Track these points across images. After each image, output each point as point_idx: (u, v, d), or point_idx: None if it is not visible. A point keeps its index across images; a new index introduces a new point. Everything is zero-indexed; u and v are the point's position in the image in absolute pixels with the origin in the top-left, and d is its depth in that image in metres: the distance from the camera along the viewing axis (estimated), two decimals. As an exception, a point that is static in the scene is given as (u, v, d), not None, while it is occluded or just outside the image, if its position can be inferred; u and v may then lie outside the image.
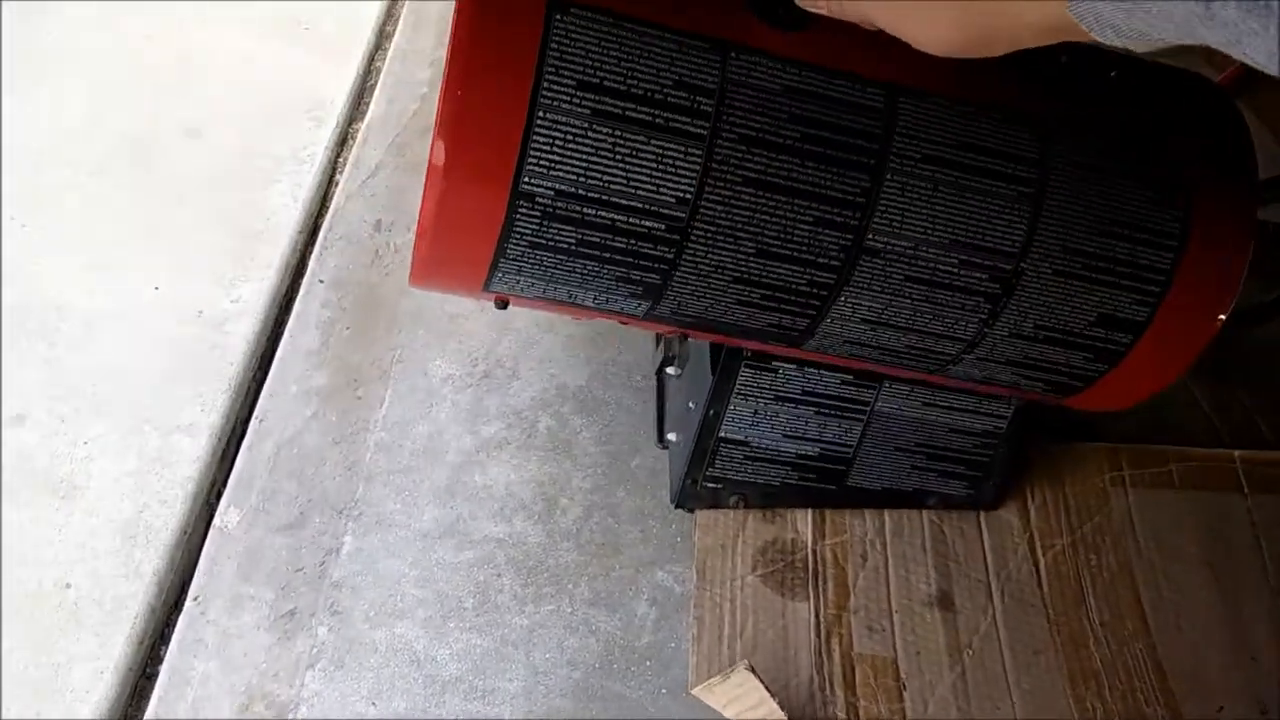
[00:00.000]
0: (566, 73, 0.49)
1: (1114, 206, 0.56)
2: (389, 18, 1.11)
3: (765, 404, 0.69)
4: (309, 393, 0.78)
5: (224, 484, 0.74)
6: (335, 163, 0.96)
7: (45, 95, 0.98)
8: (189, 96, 1.00)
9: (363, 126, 0.98)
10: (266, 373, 0.80)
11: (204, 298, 0.84)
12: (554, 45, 0.49)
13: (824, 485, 0.72)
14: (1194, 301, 0.58)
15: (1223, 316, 0.59)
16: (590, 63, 0.49)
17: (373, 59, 1.07)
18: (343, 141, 0.98)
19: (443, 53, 1.04)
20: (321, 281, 0.84)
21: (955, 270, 0.56)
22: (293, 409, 0.77)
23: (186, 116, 0.98)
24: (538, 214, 0.51)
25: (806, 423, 0.70)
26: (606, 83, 0.50)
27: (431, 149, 0.50)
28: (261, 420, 0.76)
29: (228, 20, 1.08)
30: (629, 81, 0.50)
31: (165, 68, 1.02)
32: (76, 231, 0.88)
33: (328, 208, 0.91)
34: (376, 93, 1.01)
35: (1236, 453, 0.78)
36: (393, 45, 1.06)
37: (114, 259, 0.86)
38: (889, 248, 0.55)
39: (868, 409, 0.70)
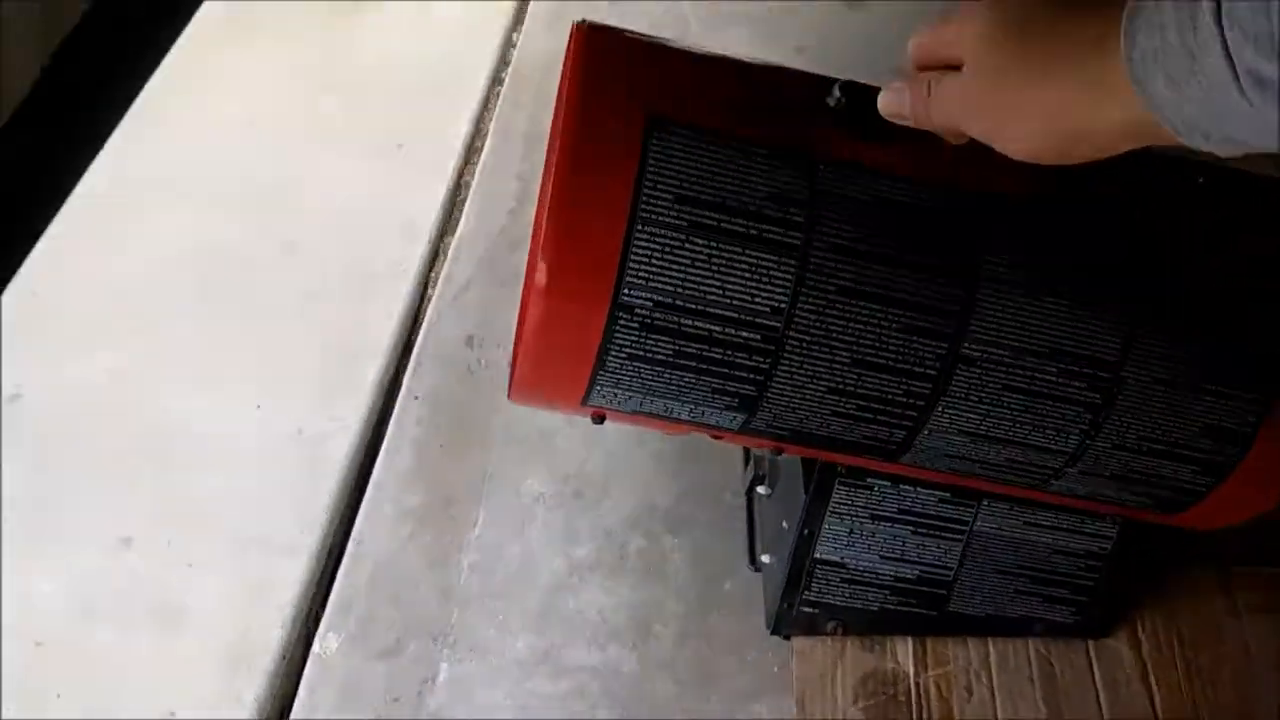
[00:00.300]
0: (664, 187, 0.51)
1: (1216, 312, 0.55)
2: (477, 133, 1.16)
3: (861, 523, 0.67)
4: (404, 513, 0.78)
5: (322, 608, 0.74)
6: (428, 278, 0.99)
7: (154, 219, 1.04)
8: (288, 215, 1.05)
9: (454, 241, 1.01)
10: (363, 492, 0.81)
11: (303, 416, 0.87)
12: (652, 163, 0.51)
13: (924, 610, 0.70)
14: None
15: (1339, 432, 0.57)
16: (686, 177, 0.51)
17: (462, 174, 1.11)
18: (435, 257, 1.02)
19: (529, 167, 1.09)
20: (416, 398, 0.86)
21: (1054, 379, 0.55)
22: (389, 530, 0.78)
23: (285, 234, 1.03)
24: (636, 325, 0.52)
25: (904, 543, 0.68)
26: (702, 196, 0.51)
27: (532, 269, 0.51)
28: (359, 542, 0.77)
29: (325, 141, 1.14)
30: (723, 194, 0.51)
31: (265, 188, 1.08)
32: (183, 354, 0.92)
33: (421, 323, 0.94)
34: (466, 207, 1.05)
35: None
36: (481, 160, 1.11)
37: (219, 379, 0.90)
38: (985, 356, 0.54)
39: (967, 528, 0.68)
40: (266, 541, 0.78)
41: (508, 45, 1.29)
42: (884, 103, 0.51)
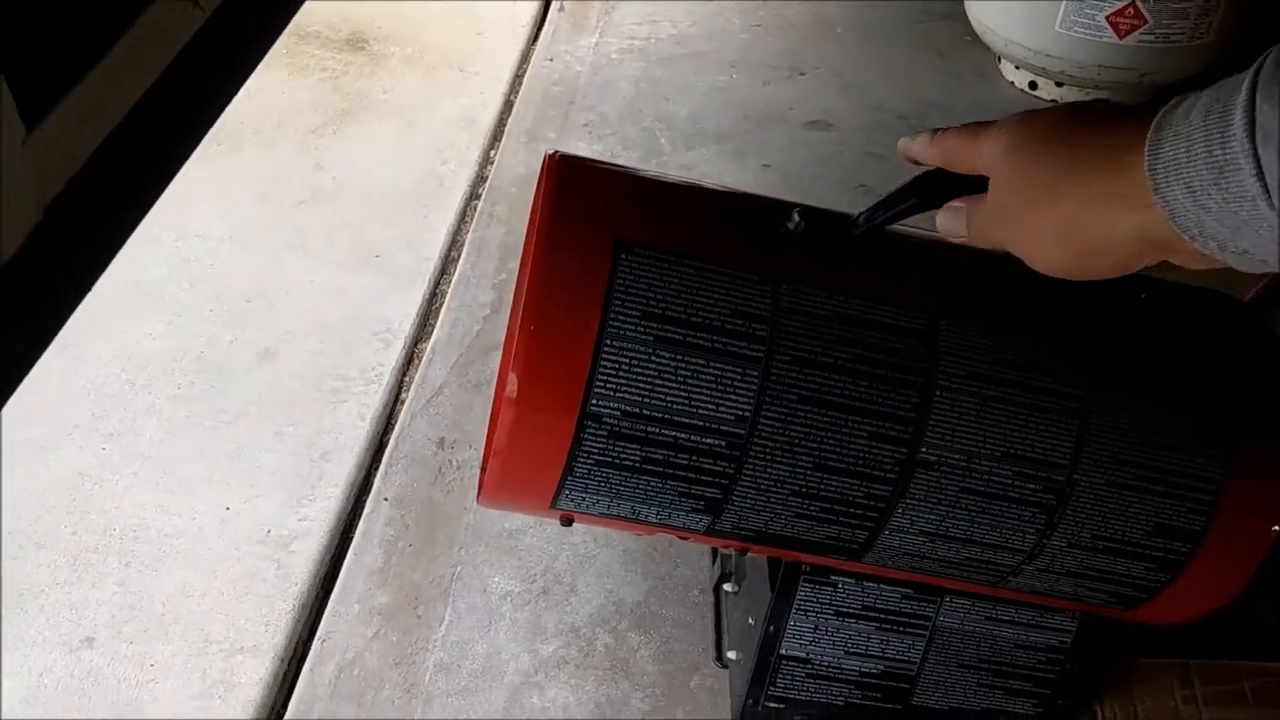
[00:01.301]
0: (631, 304, 0.54)
1: (1160, 418, 0.58)
2: (454, 244, 1.20)
3: (826, 619, 0.69)
4: (371, 612, 0.79)
5: (284, 707, 0.74)
6: (402, 382, 1.01)
7: (131, 324, 1.05)
8: (264, 321, 1.07)
9: (428, 347, 1.04)
10: (330, 591, 0.81)
11: (273, 517, 0.87)
12: (619, 282, 0.54)
13: (889, 705, 0.71)
14: (1249, 510, 0.59)
15: (1278, 527, 0.60)
16: (653, 295, 0.54)
17: (438, 283, 1.14)
18: (409, 362, 1.04)
19: (504, 278, 1.13)
20: (386, 499, 0.87)
21: (1009, 481, 0.58)
22: (355, 629, 0.78)
23: (261, 340, 1.05)
24: (604, 434, 0.55)
25: (868, 639, 0.69)
26: (668, 312, 0.54)
27: (503, 379, 0.54)
28: (324, 640, 0.77)
29: (304, 251, 1.17)
30: (689, 311, 0.54)
31: (243, 296, 1.10)
32: (155, 454, 0.92)
33: (393, 426, 0.95)
34: (441, 315, 1.08)
35: (1312, 668, 0.76)
36: (457, 270, 1.14)
37: (189, 481, 0.90)
38: (942, 460, 0.57)
39: (930, 624, 0.69)
40: (230, 641, 0.78)
41: (485, 161, 1.35)
42: (942, 223, 0.54)
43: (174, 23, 0.38)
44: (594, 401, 0.54)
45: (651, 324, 0.54)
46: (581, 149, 1.33)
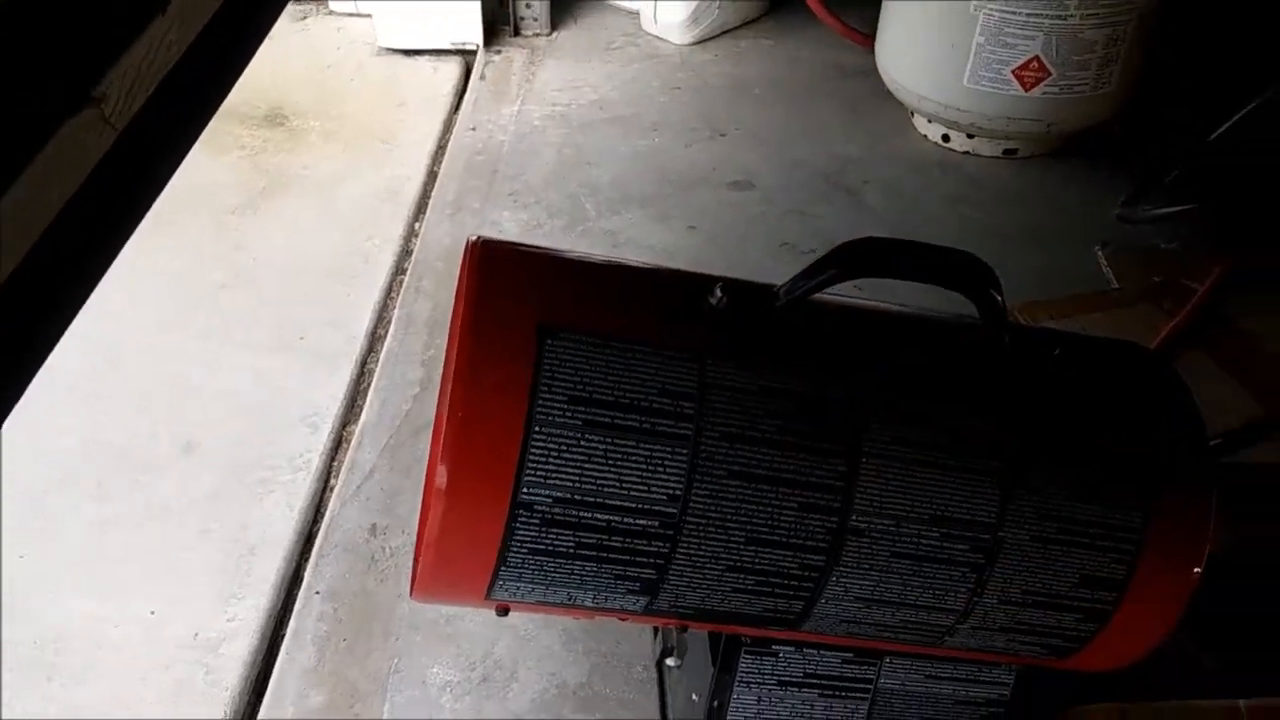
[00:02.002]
0: (558, 389, 0.53)
1: (1079, 473, 0.59)
2: (380, 322, 1.19)
3: (769, 690, 0.68)
4: (306, 714, 0.76)
5: (218, 818, 0.71)
6: (330, 468, 1.00)
7: (49, 419, 1.02)
8: (186, 411, 1.04)
9: (357, 429, 1.02)
10: (263, 695, 0.79)
11: (200, 619, 0.85)
12: (546, 368, 0.53)
13: (837, 772, 0.70)
14: (1169, 557, 0.60)
15: (1198, 569, 0.61)
16: (579, 379, 0.54)
17: (365, 363, 1.13)
18: (337, 446, 1.02)
19: (433, 354, 1.12)
20: (318, 593, 0.85)
21: (938, 543, 0.58)
22: (289, 731, 0.75)
23: (183, 433, 1.02)
24: (537, 521, 0.54)
25: (812, 705, 0.69)
26: (595, 396, 0.54)
27: (432, 470, 0.53)
28: (257, 746, 0.75)
29: (225, 337, 1.15)
30: (616, 393, 0.54)
31: (163, 386, 1.07)
32: (76, 558, 0.89)
33: (323, 515, 0.93)
34: (370, 395, 1.06)
35: (1241, 703, 0.77)
36: (384, 349, 1.13)
37: (113, 584, 0.87)
38: (872, 526, 0.57)
39: (871, 686, 0.69)
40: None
41: (410, 235, 1.34)
42: None
43: (83, 141, 0.38)
44: (525, 490, 0.53)
45: (580, 408, 0.54)
46: (507, 218, 1.34)
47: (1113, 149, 1.46)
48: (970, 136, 1.48)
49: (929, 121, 1.51)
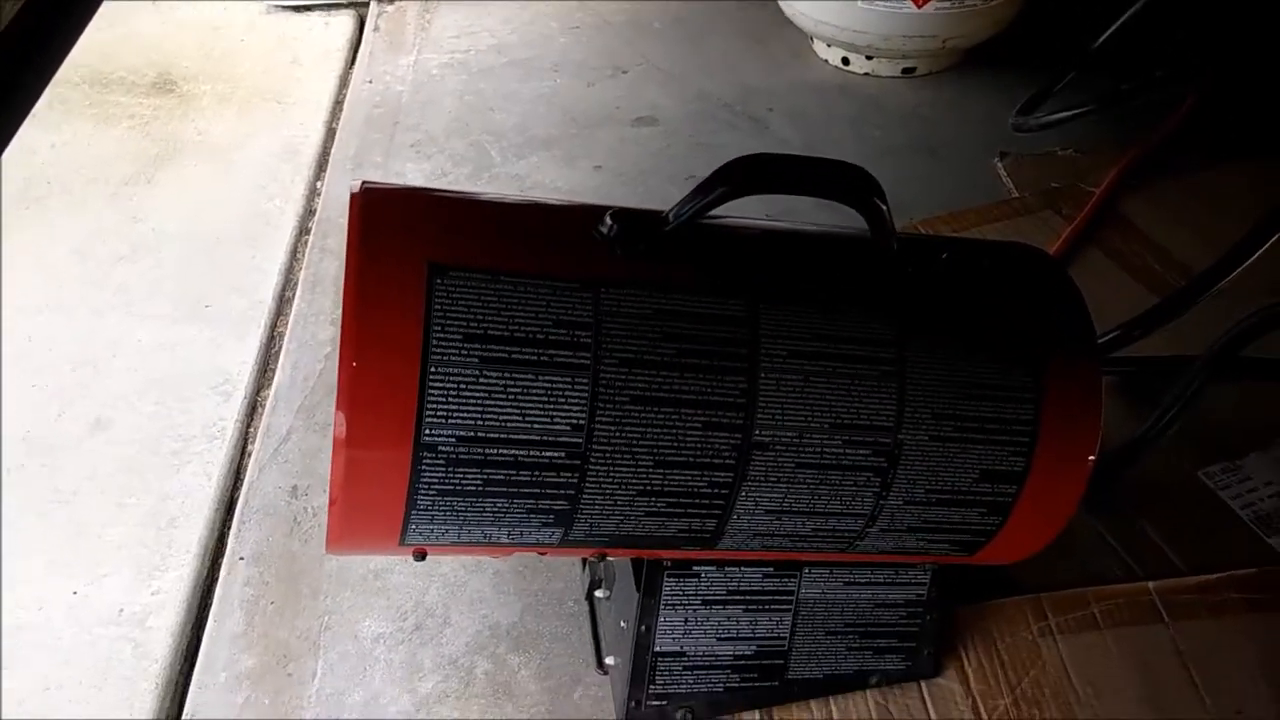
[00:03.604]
0: (452, 329, 0.53)
1: (970, 371, 0.61)
2: (288, 283, 1.17)
3: (694, 610, 0.70)
4: (239, 678, 0.76)
5: (156, 788, 0.71)
6: (246, 434, 0.98)
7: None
8: (92, 389, 1.02)
9: (270, 394, 1.00)
10: (194, 663, 0.78)
11: (124, 595, 0.83)
12: (437, 308, 0.53)
13: (766, 683, 0.72)
14: (1064, 446, 0.63)
15: (1092, 456, 0.63)
16: (472, 317, 0.54)
17: (275, 326, 1.11)
18: (252, 412, 1.01)
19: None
20: (242, 559, 0.85)
21: (841, 451, 0.59)
22: (223, 699, 0.75)
23: (92, 410, 1.00)
24: (442, 463, 0.54)
25: (737, 622, 0.71)
26: (490, 332, 0.54)
27: (334, 420, 0.53)
28: (192, 716, 0.74)
29: (128, 310, 1.12)
30: (511, 328, 0.54)
31: (69, 366, 1.05)
32: (-12, 546, 0.87)
33: (242, 481, 0.92)
34: (281, 359, 1.05)
35: (1151, 584, 0.81)
36: (293, 310, 1.11)
37: (32, 568, 0.85)
38: (776, 440, 0.58)
39: (793, 598, 0.71)
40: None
41: (312, 194, 1.31)
42: None
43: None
44: (427, 431, 0.53)
45: (475, 345, 0.54)
46: (410, 169, 1.32)
47: (1011, 61, 1.48)
48: (869, 58, 1.48)
49: (828, 45, 1.52)
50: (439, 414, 0.53)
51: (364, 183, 0.58)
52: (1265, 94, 1.25)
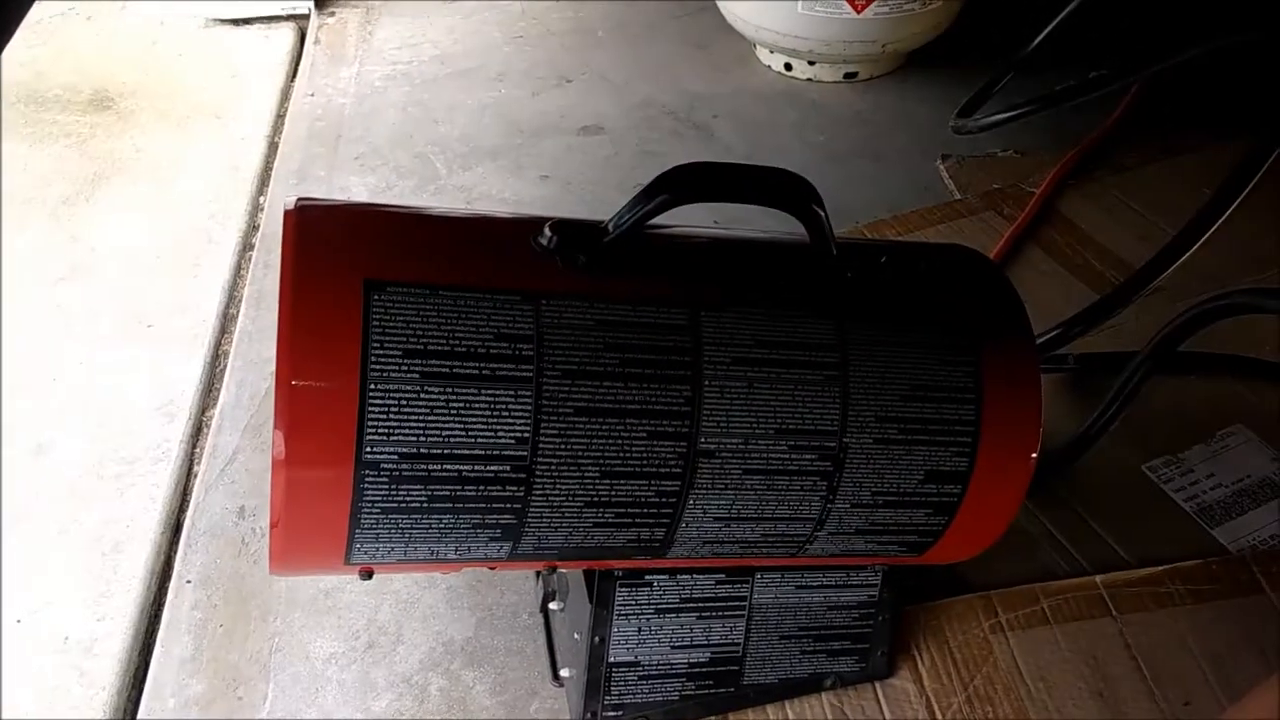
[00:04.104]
0: (391, 344, 0.53)
1: (911, 373, 0.61)
2: (231, 300, 1.15)
3: (647, 619, 0.70)
4: (187, 703, 0.75)
5: (103, 820, 0.69)
6: (192, 455, 0.97)
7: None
8: (33, 414, 1.00)
9: (216, 414, 0.99)
10: (142, 690, 0.77)
11: (70, 621, 0.82)
12: (375, 324, 0.53)
13: (722, 689, 0.73)
14: (1005, 444, 0.64)
15: (1034, 454, 0.64)
16: (412, 331, 0.53)
17: (219, 344, 1.09)
18: (197, 432, 0.99)
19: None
20: (189, 582, 0.83)
21: (787, 456, 0.60)
22: (171, 723, 0.74)
23: (31, 435, 0.98)
24: (385, 480, 0.54)
25: (691, 629, 0.71)
26: (430, 347, 0.53)
27: (272, 441, 0.52)
28: (140, 742, 0.73)
29: (68, 332, 1.09)
30: (451, 342, 0.54)
31: (8, 391, 1.02)
32: (-76, 580, 0.85)
33: (189, 503, 0.91)
34: (226, 377, 1.03)
35: (1098, 578, 0.82)
36: (238, 327, 1.09)
37: (-33, 601, 0.83)
38: (722, 447, 0.58)
39: (746, 603, 0.71)
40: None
41: (255, 210, 1.30)
42: None
43: None
44: (368, 449, 0.53)
45: (416, 361, 0.53)
46: (354, 183, 1.30)
47: (951, 63, 1.50)
48: (811, 64, 1.50)
49: (770, 52, 1.53)
50: (380, 431, 0.53)
51: (298, 199, 0.58)
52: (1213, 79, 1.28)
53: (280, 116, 1.47)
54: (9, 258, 1.20)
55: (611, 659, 0.70)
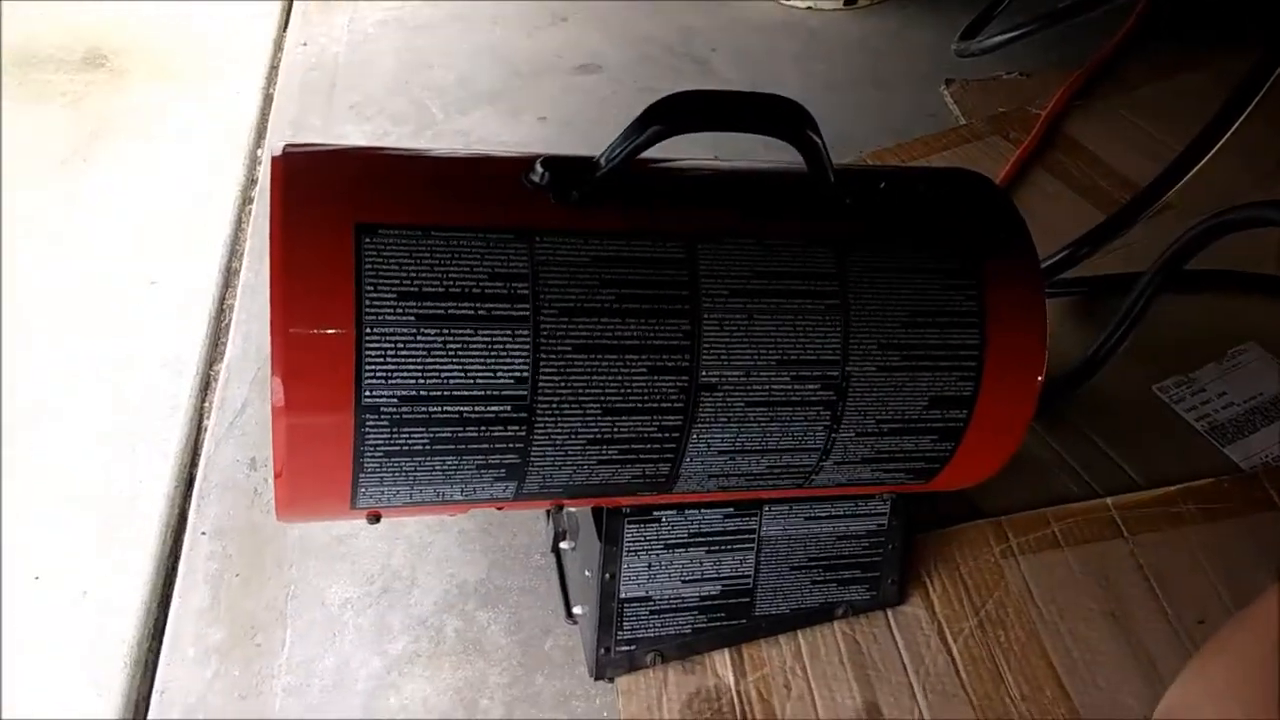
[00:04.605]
0: (385, 288, 0.52)
1: (914, 298, 0.61)
2: (233, 254, 1.15)
3: (657, 555, 0.70)
4: (207, 652, 0.76)
5: (130, 767, 0.71)
6: (201, 409, 0.97)
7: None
8: (38, 374, 1.00)
9: (223, 367, 0.99)
10: (161, 640, 0.78)
11: (87, 577, 0.83)
12: (368, 267, 0.52)
13: (734, 621, 0.73)
14: (1010, 368, 0.63)
15: (1040, 377, 0.64)
16: (405, 275, 0.53)
17: (224, 298, 1.09)
18: (206, 387, 0.99)
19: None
20: (204, 533, 0.84)
21: (790, 387, 0.59)
22: (193, 673, 0.75)
23: (37, 395, 0.98)
24: (386, 423, 0.53)
25: (701, 563, 0.71)
26: (425, 289, 0.53)
27: (271, 388, 0.52)
28: (163, 693, 0.74)
29: (67, 292, 1.09)
30: (446, 283, 0.53)
31: (8, 350, 1.02)
32: (-57, 541, 0.86)
33: (200, 456, 0.91)
34: (232, 331, 1.03)
35: (1109, 500, 0.82)
36: (241, 281, 1.09)
37: (-14, 559, 0.84)
38: (723, 380, 0.58)
39: (755, 536, 0.72)
40: (66, 713, 0.74)
41: (253, 162, 1.29)
42: None
43: None
44: (367, 394, 0.53)
45: (410, 303, 0.53)
46: (351, 131, 1.29)
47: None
48: (810, -9, 1.47)
49: (769, -20, 1.50)
50: (378, 375, 0.52)
51: (286, 145, 0.57)
52: None
53: (274, 67, 1.45)
54: (8, 217, 1.19)
55: (623, 595, 0.70)
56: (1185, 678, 0.49)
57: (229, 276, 1.12)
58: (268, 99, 1.39)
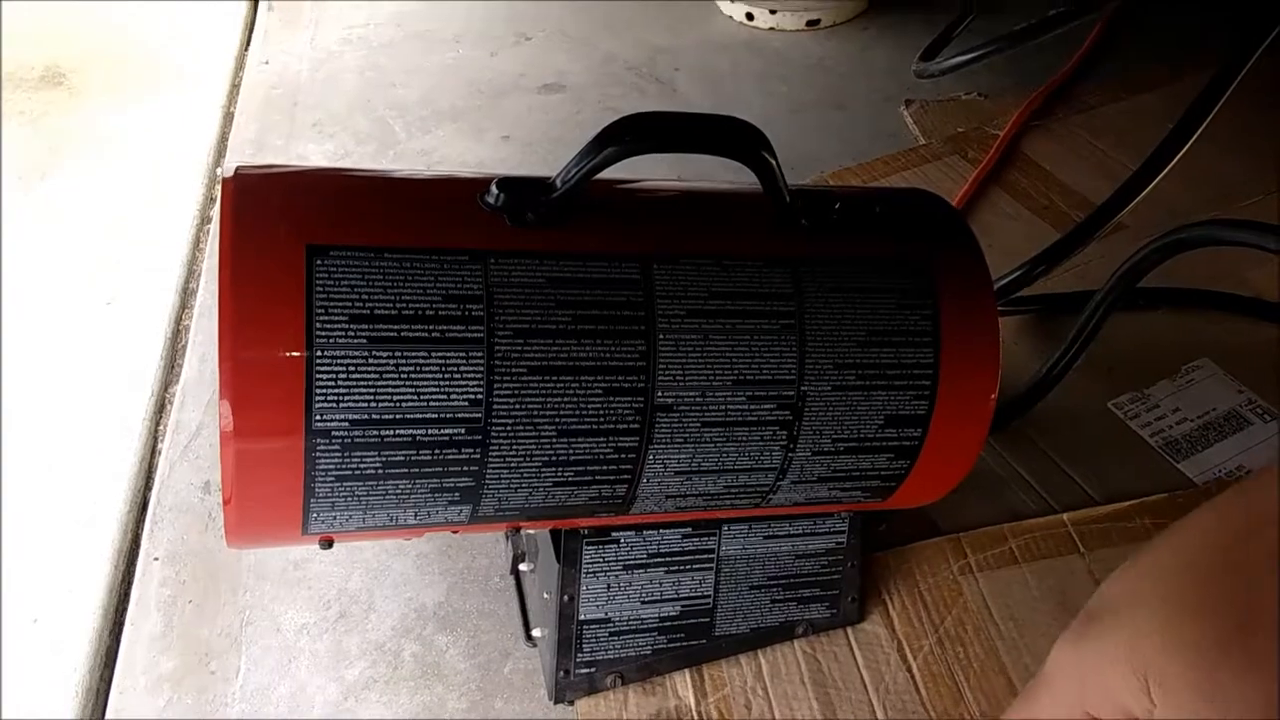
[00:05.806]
0: (336, 310, 0.52)
1: (869, 318, 0.61)
2: (190, 275, 1.13)
3: (616, 576, 0.70)
4: (159, 681, 0.74)
5: (78, 799, 0.69)
6: (155, 432, 0.96)
7: None
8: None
9: (178, 389, 0.98)
10: (113, 668, 0.76)
11: (38, 603, 0.81)
12: (319, 288, 0.52)
13: (694, 642, 0.73)
14: (964, 386, 0.63)
15: (994, 395, 0.64)
16: (357, 296, 0.52)
17: (179, 319, 1.08)
18: (160, 409, 0.98)
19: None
20: (156, 559, 0.82)
21: (745, 407, 0.59)
22: (145, 701, 0.73)
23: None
24: (337, 447, 0.53)
25: (660, 584, 0.71)
26: (377, 311, 0.53)
27: (219, 413, 0.51)
28: (113, 720, 0.73)
29: (21, 310, 1.08)
30: (399, 305, 0.53)
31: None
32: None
33: (153, 479, 0.90)
34: (188, 353, 1.02)
35: (1065, 516, 0.82)
36: (197, 302, 1.08)
37: (-68, 587, 0.83)
38: (679, 400, 0.58)
39: (714, 555, 0.71)
40: (10, 748, 0.72)
41: (212, 181, 1.28)
42: None
43: None
44: (318, 418, 0.52)
45: (362, 326, 0.52)
46: (312, 150, 1.29)
47: (915, 6, 1.49)
48: (773, 12, 1.48)
49: (731, 1, 1.51)
50: (329, 399, 0.52)
51: (237, 166, 0.57)
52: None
53: (235, 85, 1.44)
54: (-39, 241, 1.17)
55: (582, 616, 0.70)
56: (1122, 568, 0.43)
57: (185, 297, 1.10)
58: (228, 117, 1.38)
